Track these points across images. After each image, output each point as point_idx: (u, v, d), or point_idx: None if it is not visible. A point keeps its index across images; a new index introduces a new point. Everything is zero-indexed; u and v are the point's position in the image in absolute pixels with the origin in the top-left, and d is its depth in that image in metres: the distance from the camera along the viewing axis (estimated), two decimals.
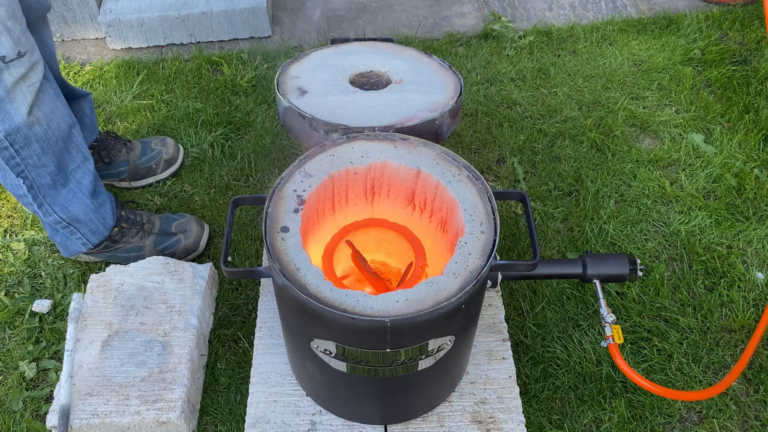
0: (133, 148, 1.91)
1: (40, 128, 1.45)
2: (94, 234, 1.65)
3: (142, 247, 1.70)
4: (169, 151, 1.94)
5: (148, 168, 1.91)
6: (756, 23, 2.38)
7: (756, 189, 1.88)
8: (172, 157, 1.95)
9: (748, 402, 1.48)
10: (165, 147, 1.94)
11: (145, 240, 1.71)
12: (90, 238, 1.65)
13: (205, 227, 1.78)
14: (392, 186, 1.32)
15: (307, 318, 1.11)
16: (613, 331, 1.29)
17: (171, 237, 1.72)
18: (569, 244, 1.77)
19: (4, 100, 1.37)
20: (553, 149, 2.01)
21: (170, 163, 1.94)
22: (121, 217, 1.70)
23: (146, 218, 1.74)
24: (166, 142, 1.95)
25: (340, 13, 2.56)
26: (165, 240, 1.71)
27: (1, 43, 1.32)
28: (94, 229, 1.64)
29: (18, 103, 1.39)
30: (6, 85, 1.36)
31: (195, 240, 1.73)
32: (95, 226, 1.64)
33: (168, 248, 1.71)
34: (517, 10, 2.54)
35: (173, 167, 1.96)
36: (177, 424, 1.38)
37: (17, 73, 1.36)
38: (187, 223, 1.75)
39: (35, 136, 1.45)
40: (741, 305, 1.63)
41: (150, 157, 1.91)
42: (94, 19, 2.40)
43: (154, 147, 1.93)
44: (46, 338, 1.63)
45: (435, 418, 1.34)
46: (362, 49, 1.59)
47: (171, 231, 1.73)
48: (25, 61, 1.37)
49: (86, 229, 1.63)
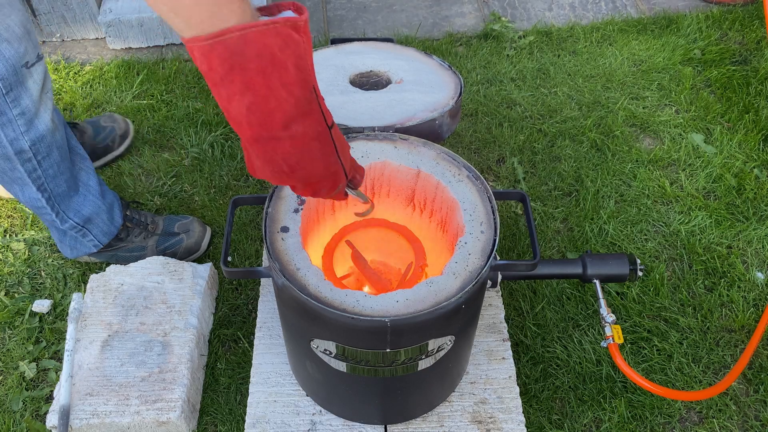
0: (85, 130, 1.92)
1: (59, 135, 1.44)
2: (104, 234, 1.65)
3: (145, 246, 1.70)
4: (120, 126, 1.97)
5: (105, 146, 1.93)
6: (756, 23, 2.38)
7: (756, 189, 1.88)
8: (124, 131, 1.98)
9: (748, 402, 1.48)
10: (115, 123, 1.97)
11: (148, 240, 1.71)
12: (101, 238, 1.65)
13: (207, 229, 1.78)
14: (392, 186, 1.32)
15: (307, 318, 1.11)
16: (613, 331, 1.29)
17: (173, 237, 1.72)
18: (569, 244, 1.77)
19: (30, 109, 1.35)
20: (553, 149, 2.01)
21: (124, 137, 1.97)
22: (126, 217, 1.70)
23: (150, 219, 1.74)
24: (114, 118, 1.98)
25: (340, 13, 2.56)
26: (167, 240, 1.72)
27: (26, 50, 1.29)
28: (105, 230, 1.64)
29: (43, 110, 1.37)
30: (32, 94, 1.34)
31: (197, 240, 1.73)
32: (106, 227, 1.64)
33: (170, 248, 1.71)
34: (517, 10, 2.54)
35: (127, 141, 1.99)
36: (177, 424, 1.38)
37: (38, 79, 1.35)
38: (190, 224, 1.75)
39: (56, 144, 1.44)
40: (741, 305, 1.63)
41: (105, 136, 1.93)
42: (94, 19, 2.40)
43: (105, 124, 1.95)
44: (46, 338, 1.63)
45: (435, 418, 1.34)
46: (362, 49, 1.59)
47: (174, 231, 1.73)
48: (43, 63, 1.36)
49: (98, 231, 1.63)
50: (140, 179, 1.95)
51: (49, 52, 2.40)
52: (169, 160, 2.00)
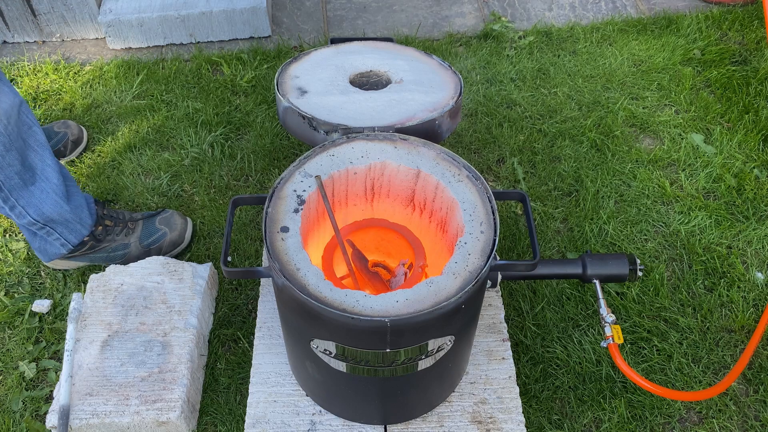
0: None
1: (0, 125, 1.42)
2: (72, 233, 1.61)
3: (128, 244, 1.69)
4: (73, 132, 1.99)
5: (57, 151, 1.95)
6: (756, 23, 2.38)
7: (756, 189, 1.88)
8: (77, 137, 2.00)
9: (748, 402, 1.48)
10: (68, 129, 1.98)
11: (130, 237, 1.70)
12: (68, 237, 1.61)
13: (188, 220, 1.78)
14: (392, 186, 1.32)
15: (307, 318, 1.11)
16: (613, 331, 1.29)
17: (156, 231, 1.71)
18: (569, 244, 1.77)
19: None
20: (553, 149, 2.01)
21: (77, 143, 1.99)
22: (104, 216, 1.68)
23: (128, 216, 1.73)
24: (68, 125, 1.99)
25: (340, 13, 2.56)
26: (150, 235, 1.71)
27: None
28: (72, 229, 1.61)
29: None
30: None
31: (180, 233, 1.73)
32: (73, 226, 1.61)
33: (154, 243, 1.70)
34: (517, 10, 2.54)
35: (80, 147, 2.01)
36: (177, 424, 1.38)
37: None
38: (170, 217, 1.74)
39: None
40: (741, 305, 1.63)
41: (56, 141, 1.95)
42: (94, 19, 2.40)
43: (58, 130, 1.97)
44: (45, 338, 1.63)
45: (435, 418, 1.34)
46: (362, 49, 1.59)
47: (155, 226, 1.72)
48: None
49: (63, 229, 1.60)
50: (140, 179, 1.95)
51: (49, 52, 2.40)
52: (169, 160, 2.00)
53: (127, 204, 1.89)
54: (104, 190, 1.93)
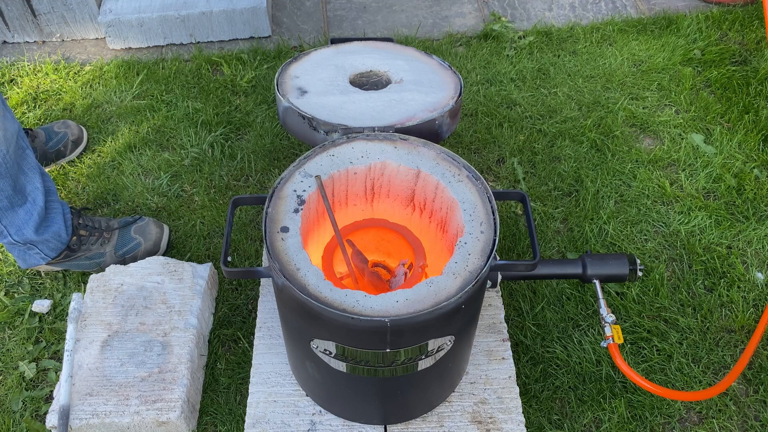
0: (37, 135, 1.94)
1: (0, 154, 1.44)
2: (51, 249, 1.64)
3: (103, 253, 1.70)
4: (74, 132, 2.00)
5: (57, 151, 1.96)
6: (756, 23, 2.38)
7: (756, 189, 1.88)
8: (77, 137, 2.01)
9: (748, 402, 1.48)
10: (69, 129, 1.99)
11: (105, 246, 1.70)
12: (48, 252, 1.64)
13: (164, 228, 1.77)
14: (392, 186, 1.32)
15: (307, 318, 1.11)
16: (613, 331, 1.29)
17: (131, 241, 1.71)
18: (569, 244, 1.77)
19: None
20: (553, 149, 2.01)
21: (77, 143, 2.01)
22: (79, 225, 1.69)
23: (104, 224, 1.73)
24: (68, 125, 2.00)
25: (340, 13, 2.56)
26: (125, 244, 1.71)
27: None
28: (51, 246, 1.63)
29: None
30: None
31: (155, 242, 1.73)
32: (51, 244, 1.63)
33: (128, 252, 1.71)
34: (517, 10, 2.54)
35: (80, 147, 2.02)
36: (177, 424, 1.38)
37: None
38: (146, 226, 1.74)
39: None
40: (741, 305, 1.63)
41: (57, 141, 1.96)
42: (94, 19, 2.40)
43: (58, 130, 1.98)
44: (45, 338, 1.63)
45: (435, 419, 1.34)
46: (362, 49, 1.59)
47: (130, 235, 1.72)
48: None
49: (43, 246, 1.62)
50: (140, 179, 1.95)
51: (49, 52, 2.40)
52: (169, 160, 2.00)
53: (127, 204, 1.89)
54: (104, 190, 1.93)
